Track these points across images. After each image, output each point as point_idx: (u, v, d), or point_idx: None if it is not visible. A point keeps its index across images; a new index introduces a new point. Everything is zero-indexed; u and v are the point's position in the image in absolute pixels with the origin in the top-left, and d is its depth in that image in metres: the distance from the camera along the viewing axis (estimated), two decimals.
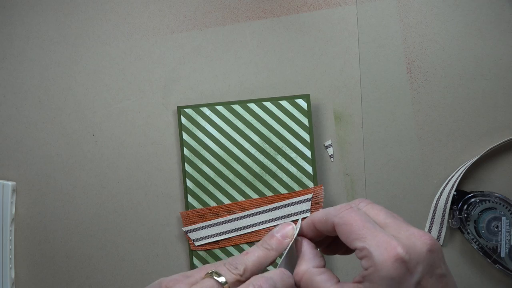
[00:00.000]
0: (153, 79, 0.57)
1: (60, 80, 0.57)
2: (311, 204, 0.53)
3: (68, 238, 0.56)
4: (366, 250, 0.36)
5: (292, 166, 0.54)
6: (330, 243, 0.43)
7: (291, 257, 0.41)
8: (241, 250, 0.53)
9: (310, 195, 0.53)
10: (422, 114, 0.55)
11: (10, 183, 0.56)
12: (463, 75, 0.55)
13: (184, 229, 0.54)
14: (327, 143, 0.55)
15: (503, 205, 0.52)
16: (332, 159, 0.56)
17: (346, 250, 0.41)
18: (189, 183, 0.54)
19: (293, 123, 0.54)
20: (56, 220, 0.57)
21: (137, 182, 0.56)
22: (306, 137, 0.54)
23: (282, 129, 0.54)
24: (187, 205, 0.54)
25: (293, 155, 0.54)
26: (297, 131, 0.54)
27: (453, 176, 0.54)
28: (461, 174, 0.53)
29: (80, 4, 0.57)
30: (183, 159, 0.54)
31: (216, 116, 0.54)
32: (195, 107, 0.54)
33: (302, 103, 0.54)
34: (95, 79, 0.57)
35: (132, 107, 0.57)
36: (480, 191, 0.53)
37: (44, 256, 0.57)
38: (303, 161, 0.54)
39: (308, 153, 0.54)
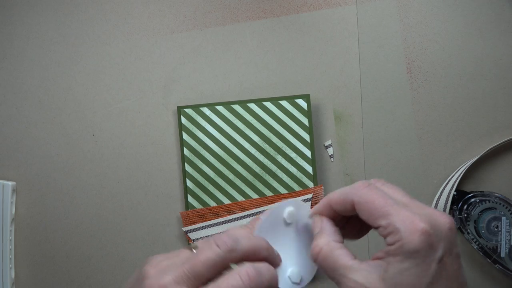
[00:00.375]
0: (153, 79, 0.57)
1: (60, 80, 0.57)
2: (311, 204, 0.53)
3: (68, 238, 0.56)
4: (392, 226, 0.37)
5: (292, 166, 0.54)
6: (342, 226, 0.43)
7: (303, 236, 0.40)
8: None
9: (310, 195, 0.53)
10: (422, 114, 0.55)
11: (10, 183, 0.56)
12: (463, 75, 0.55)
13: (184, 229, 0.54)
14: (327, 143, 0.55)
15: (503, 205, 0.52)
16: (332, 159, 0.56)
17: (359, 232, 0.42)
18: (189, 183, 0.54)
19: (293, 123, 0.54)
20: (56, 220, 0.57)
21: (137, 182, 0.56)
22: (306, 137, 0.54)
23: (282, 129, 0.54)
24: (187, 205, 0.54)
25: (293, 155, 0.54)
26: (297, 131, 0.54)
27: (453, 176, 0.54)
28: (461, 174, 0.53)
29: (80, 4, 0.57)
30: (183, 159, 0.54)
31: (216, 116, 0.54)
32: (195, 107, 0.54)
33: (302, 103, 0.54)
34: (95, 79, 0.57)
35: (132, 107, 0.57)
36: (480, 191, 0.53)
37: (44, 256, 0.57)
38: (303, 161, 0.54)
39: (308, 153, 0.54)
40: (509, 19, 0.55)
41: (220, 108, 0.54)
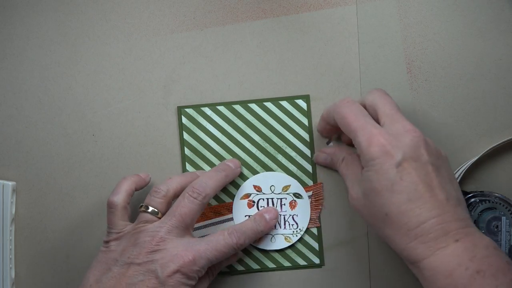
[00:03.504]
0: (153, 79, 0.57)
1: (60, 80, 0.57)
2: (311, 202, 0.54)
3: (68, 238, 0.56)
4: (357, 141, 0.44)
5: (292, 165, 0.54)
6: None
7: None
8: (243, 249, 0.52)
9: (310, 192, 0.54)
10: (422, 114, 0.55)
11: (10, 183, 0.56)
12: (463, 75, 0.55)
13: None
14: (327, 143, 0.55)
15: (503, 205, 0.53)
16: None
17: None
18: None
19: (293, 123, 0.54)
20: (56, 220, 0.57)
21: None
22: (306, 136, 0.54)
23: (283, 128, 0.54)
24: None
25: (293, 154, 0.54)
26: (297, 130, 0.54)
27: None
28: (461, 174, 0.53)
29: (80, 4, 0.57)
30: (184, 159, 0.54)
31: (217, 116, 0.54)
32: (196, 107, 0.54)
33: (301, 103, 0.55)
34: (95, 79, 0.57)
35: (132, 107, 0.57)
36: (480, 191, 0.53)
37: (44, 256, 0.57)
38: (303, 160, 0.54)
39: (308, 152, 0.54)
40: (509, 19, 0.55)
41: (221, 108, 0.54)
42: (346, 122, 0.45)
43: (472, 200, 0.53)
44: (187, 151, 0.54)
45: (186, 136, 0.54)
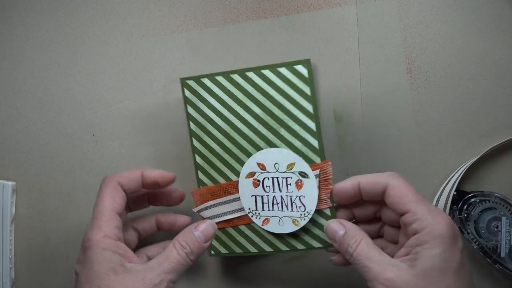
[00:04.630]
0: (153, 79, 0.57)
1: (60, 80, 0.57)
2: (319, 181, 0.48)
3: (68, 238, 0.56)
4: (421, 213, 0.40)
5: (296, 140, 0.49)
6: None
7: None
8: (252, 229, 0.50)
9: (317, 171, 0.48)
10: (422, 114, 0.55)
11: (10, 183, 0.56)
12: (463, 75, 0.55)
13: (195, 209, 0.51)
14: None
15: (503, 205, 0.53)
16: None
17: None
18: (198, 159, 0.51)
19: (294, 92, 0.49)
20: (56, 220, 0.57)
21: None
22: (309, 107, 0.49)
23: (283, 99, 0.49)
24: (198, 182, 0.51)
25: (296, 127, 0.49)
26: (298, 101, 0.49)
27: (453, 176, 0.54)
28: (461, 174, 0.53)
29: (80, 4, 0.57)
30: (191, 134, 0.51)
31: (216, 87, 0.51)
32: (196, 79, 0.51)
33: (302, 69, 0.49)
34: (95, 79, 0.57)
35: (132, 107, 0.57)
36: (480, 191, 0.53)
37: (44, 256, 0.57)
38: (307, 134, 0.49)
39: (312, 125, 0.49)
40: (509, 19, 0.55)
41: (219, 78, 0.50)
42: (406, 193, 0.42)
43: (472, 200, 0.53)
44: (192, 125, 0.51)
45: (190, 110, 0.51)
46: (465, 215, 0.53)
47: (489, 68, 0.55)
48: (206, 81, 0.51)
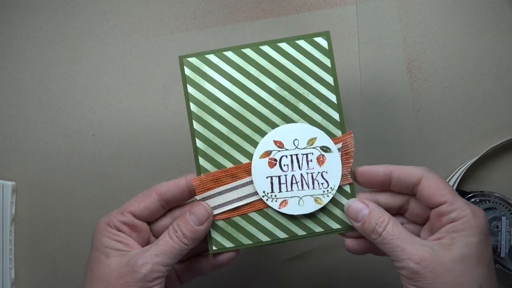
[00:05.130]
0: (153, 79, 0.57)
1: (60, 80, 0.57)
2: (341, 155, 0.46)
3: (68, 238, 0.56)
4: (459, 203, 0.40)
5: (316, 114, 0.47)
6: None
7: None
8: (265, 215, 0.46)
9: (339, 145, 0.46)
10: (422, 114, 0.55)
11: (10, 183, 0.56)
12: (463, 75, 0.55)
13: (198, 197, 0.46)
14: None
15: (503, 205, 0.53)
16: None
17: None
18: (199, 144, 0.47)
19: (313, 64, 0.47)
20: (56, 220, 0.57)
21: (137, 182, 0.56)
22: (330, 79, 0.47)
23: (302, 72, 0.47)
24: (199, 169, 0.47)
25: (316, 101, 0.47)
26: (318, 73, 0.47)
27: (453, 176, 0.54)
28: (461, 174, 0.53)
29: (80, 4, 0.57)
30: (191, 116, 0.47)
31: (225, 64, 0.47)
32: (200, 55, 0.47)
33: (322, 41, 0.47)
34: (95, 79, 0.57)
35: (132, 107, 0.57)
36: (480, 191, 0.53)
37: (44, 256, 0.57)
38: (328, 107, 0.47)
39: (333, 97, 0.47)
40: (509, 19, 0.55)
41: (229, 53, 0.47)
42: (442, 185, 0.42)
43: (472, 200, 0.53)
44: (193, 107, 0.47)
45: (191, 89, 0.47)
46: None
47: (489, 68, 0.55)
48: (212, 58, 0.47)
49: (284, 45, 0.47)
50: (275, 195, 0.46)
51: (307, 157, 0.46)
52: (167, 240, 0.42)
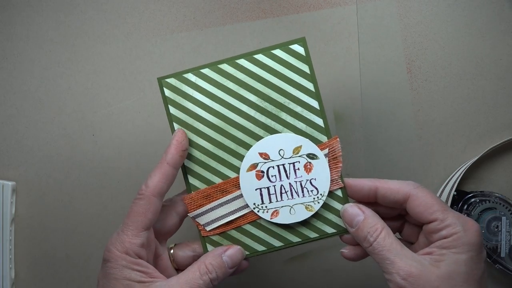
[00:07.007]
0: (153, 79, 0.57)
1: (60, 80, 0.57)
2: (329, 160, 0.46)
3: (68, 238, 0.56)
4: (450, 220, 0.40)
5: (299, 122, 0.47)
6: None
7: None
8: (258, 226, 0.47)
9: (325, 151, 0.46)
10: (422, 114, 0.55)
11: (10, 183, 0.56)
12: (463, 75, 0.55)
13: (190, 214, 0.47)
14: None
15: (503, 205, 0.52)
16: None
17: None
18: (186, 162, 0.48)
19: (291, 73, 0.47)
20: (56, 220, 0.57)
21: (137, 182, 0.56)
22: (310, 86, 0.47)
23: (281, 82, 0.47)
24: (189, 187, 0.48)
25: (298, 109, 0.47)
26: (298, 81, 0.47)
27: (453, 176, 0.54)
28: (461, 174, 0.53)
29: (80, 4, 0.57)
30: None
31: (203, 81, 0.47)
32: (178, 75, 0.48)
33: (298, 48, 0.47)
34: (95, 79, 0.57)
35: (132, 107, 0.57)
36: (480, 191, 0.53)
37: (44, 256, 0.57)
38: (310, 113, 0.47)
39: (315, 104, 0.47)
40: (509, 19, 0.55)
41: (206, 71, 0.47)
42: (432, 201, 0.41)
43: (472, 200, 0.53)
44: (177, 126, 0.47)
45: (172, 110, 0.47)
46: (465, 215, 0.53)
47: (489, 68, 0.55)
48: (190, 76, 0.47)
49: (260, 57, 0.47)
50: (266, 206, 0.46)
51: (294, 166, 0.46)
52: (198, 282, 0.42)
